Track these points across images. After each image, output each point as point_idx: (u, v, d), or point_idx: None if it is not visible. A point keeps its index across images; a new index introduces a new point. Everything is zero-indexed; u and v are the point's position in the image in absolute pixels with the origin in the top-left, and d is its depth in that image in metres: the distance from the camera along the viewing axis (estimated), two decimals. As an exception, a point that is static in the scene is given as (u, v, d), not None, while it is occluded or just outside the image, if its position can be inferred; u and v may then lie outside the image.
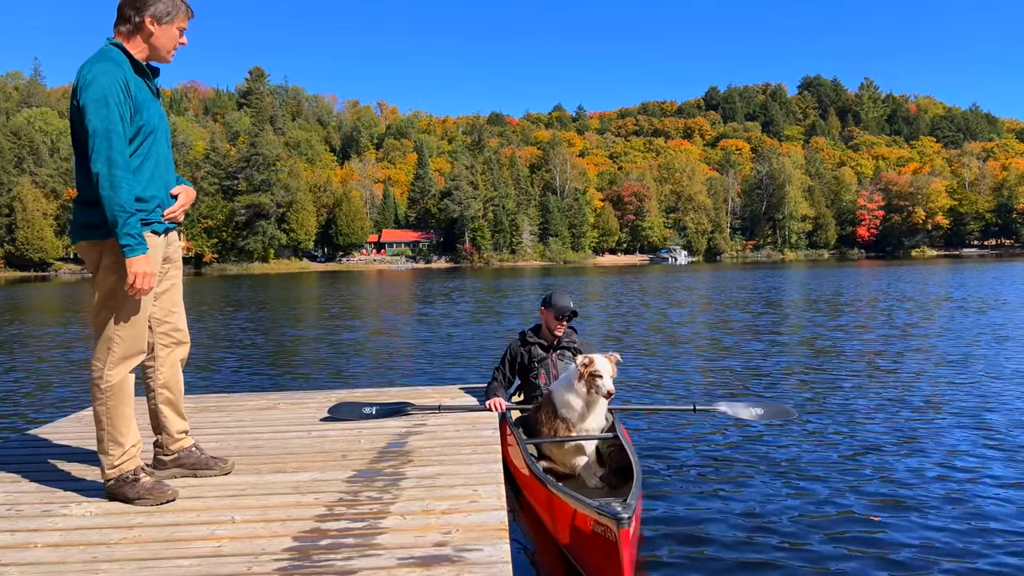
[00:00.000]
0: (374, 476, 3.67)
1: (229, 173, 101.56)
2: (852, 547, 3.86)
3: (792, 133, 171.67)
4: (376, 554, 2.72)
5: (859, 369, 9.58)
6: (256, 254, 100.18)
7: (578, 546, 3.42)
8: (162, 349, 3.58)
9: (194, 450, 3.74)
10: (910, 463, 5.34)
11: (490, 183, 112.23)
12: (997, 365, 9.56)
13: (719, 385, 8.65)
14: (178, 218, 3.49)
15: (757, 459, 5.49)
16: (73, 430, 4.84)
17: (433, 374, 9.87)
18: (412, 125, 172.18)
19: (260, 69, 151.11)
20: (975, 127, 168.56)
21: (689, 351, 11.67)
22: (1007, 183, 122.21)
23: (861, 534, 4.04)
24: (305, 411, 5.32)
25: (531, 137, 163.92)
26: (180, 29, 3.35)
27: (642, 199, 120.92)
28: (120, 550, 2.81)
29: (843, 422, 6.64)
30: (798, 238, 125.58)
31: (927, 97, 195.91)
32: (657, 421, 6.59)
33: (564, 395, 4.57)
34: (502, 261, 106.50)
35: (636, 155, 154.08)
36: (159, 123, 3.34)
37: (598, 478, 4.55)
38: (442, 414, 5.08)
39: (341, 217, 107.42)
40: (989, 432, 6.14)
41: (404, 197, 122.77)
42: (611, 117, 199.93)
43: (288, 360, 11.70)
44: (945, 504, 4.48)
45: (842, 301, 22.30)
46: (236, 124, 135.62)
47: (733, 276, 46.17)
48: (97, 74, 3.10)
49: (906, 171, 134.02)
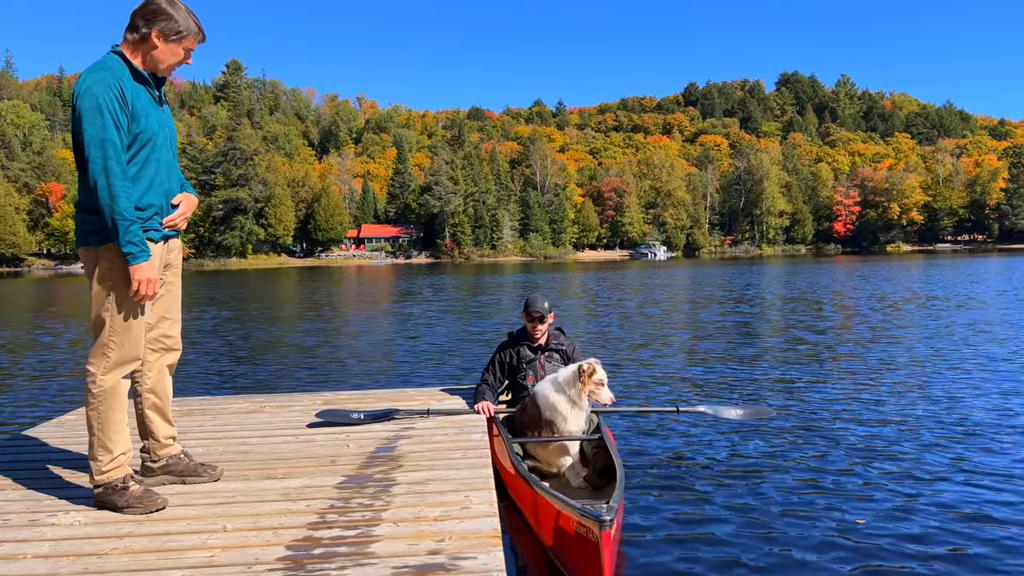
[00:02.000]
0: (365, 482, 3.67)
1: (206, 167, 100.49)
2: (834, 545, 3.93)
3: (770, 129, 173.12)
4: (370, 563, 2.73)
5: (835, 366, 9.71)
6: (234, 249, 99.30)
7: (561, 547, 3.47)
8: (151, 354, 3.56)
9: (182, 457, 3.73)
10: (889, 458, 5.43)
11: (470, 178, 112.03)
12: (972, 359, 9.73)
13: (701, 385, 8.73)
14: (179, 226, 3.48)
15: (739, 459, 5.56)
16: (57, 434, 4.78)
17: (418, 375, 9.87)
18: (391, 119, 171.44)
19: (237, 62, 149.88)
20: (949, 124, 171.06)
21: (671, 351, 11.76)
22: (980, 179, 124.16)
23: (843, 531, 4.11)
24: (291, 414, 5.30)
25: (511, 132, 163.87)
26: (187, 50, 3.34)
27: (622, 195, 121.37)
28: (111, 561, 2.79)
29: (822, 419, 6.74)
30: (776, 234, 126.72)
31: (902, 94, 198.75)
32: (641, 422, 6.64)
33: (550, 396, 4.60)
34: (482, 257, 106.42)
35: (616, 151, 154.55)
36: (159, 130, 3.32)
37: (582, 478, 4.60)
38: (430, 418, 5.08)
39: (320, 212, 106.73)
40: (963, 421, 6.26)
41: (383, 192, 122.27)
42: (591, 112, 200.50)
43: (271, 361, 11.63)
44: (922, 496, 4.60)
45: (819, 298, 22.56)
46: (213, 118, 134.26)
47: (712, 273, 46.53)
48: (92, 84, 3.10)
49: (882, 167, 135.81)
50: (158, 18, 3.22)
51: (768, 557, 3.83)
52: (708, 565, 3.75)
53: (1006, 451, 5.65)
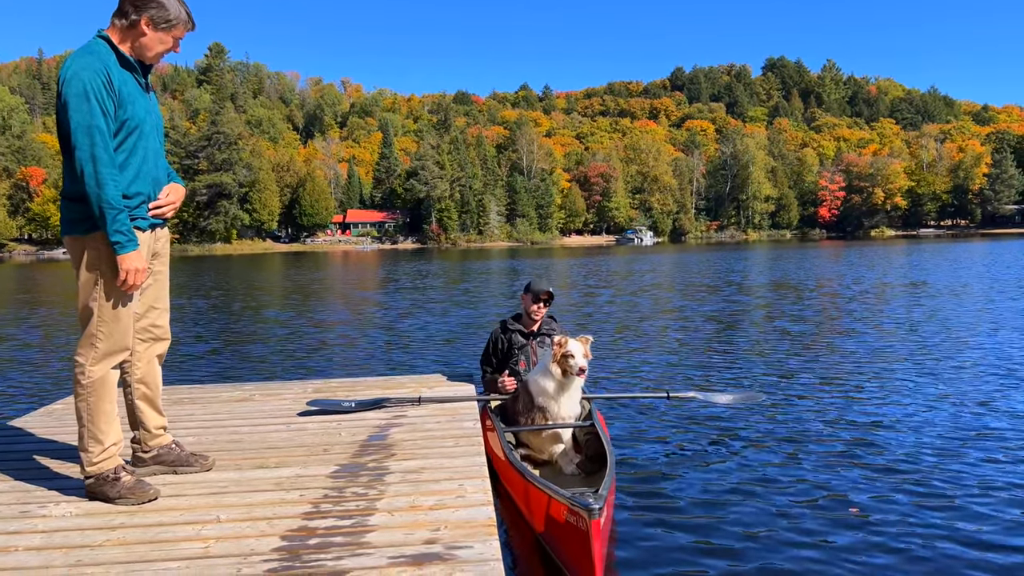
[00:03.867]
0: (358, 471, 3.67)
1: (189, 152, 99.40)
2: (827, 529, 3.97)
3: (756, 114, 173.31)
4: (366, 553, 2.72)
5: (823, 351, 9.79)
6: (218, 235, 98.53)
7: (552, 535, 3.49)
8: (139, 344, 3.52)
9: (174, 447, 3.70)
10: (880, 441, 5.49)
11: (456, 163, 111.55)
12: (956, 340, 9.84)
13: (691, 370, 8.77)
14: (166, 214, 3.43)
15: (729, 444, 5.60)
16: (44, 424, 4.74)
17: (408, 362, 9.85)
18: (376, 103, 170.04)
19: (220, 45, 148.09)
20: (933, 109, 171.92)
21: (660, 337, 11.81)
22: (963, 164, 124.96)
23: (836, 515, 4.15)
24: (281, 403, 5.28)
25: (498, 117, 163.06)
26: (176, 38, 3.28)
27: (608, 180, 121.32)
28: (104, 552, 2.78)
29: (811, 404, 6.79)
30: (761, 219, 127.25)
31: (887, 79, 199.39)
32: (632, 408, 6.67)
33: (540, 382, 4.62)
34: (469, 242, 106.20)
35: (602, 135, 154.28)
36: (146, 117, 3.27)
37: (575, 464, 4.62)
38: (421, 405, 5.07)
39: (305, 197, 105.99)
40: (951, 399, 6.34)
41: (369, 177, 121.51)
42: (578, 97, 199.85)
43: (258, 348, 11.57)
44: (916, 475, 4.67)
45: (806, 284, 22.70)
46: (196, 101, 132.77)
47: (699, 258, 46.69)
48: (78, 69, 3.03)
49: (866, 152, 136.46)
50: (148, 5, 3.16)
51: (759, 541, 3.86)
52: (699, 551, 3.78)
53: (995, 427, 5.73)
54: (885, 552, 3.72)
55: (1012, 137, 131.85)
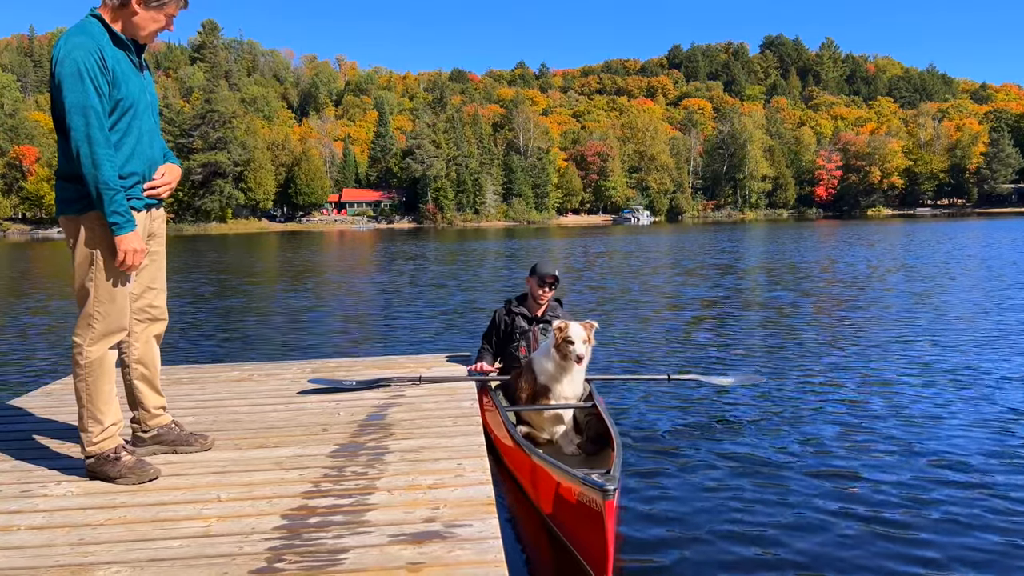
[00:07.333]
0: (357, 451, 3.68)
1: (183, 130, 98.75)
2: (829, 509, 4.00)
3: (753, 93, 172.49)
4: (366, 531, 2.74)
5: (823, 332, 9.82)
6: (213, 214, 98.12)
7: (562, 516, 3.48)
8: (137, 324, 3.52)
9: (173, 427, 3.71)
10: (880, 419, 5.55)
11: (452, 142, 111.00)
12: (957, 318, 9.88)
13: (691, 352, 8.80)
14: (161, 194, 3.41)
15: (730, 426, 5.63)
16: (43, 404, 4.75)
17: (408, 342, 9.86)
18: (372, 81, 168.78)
19: (213, 22, 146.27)
20: (931, 88, 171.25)
21: (660, 319, 11.83)
22: (960, 143, 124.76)
23: (837, 495, 4.19)
24: (280, 382, 5.29)
25: (494, 95, 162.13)
26: (169, 16, 3.23)
27: (605, 159, 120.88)
28: (106, 531, 2.79)
29: (811, 384, 6.83)
30: (758, 198, 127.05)
31: (885, 57, 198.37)
32: (633, 390, 6.69)
33: (544, 363, 4.64)
34: (465, 222, 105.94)
35: (599, 114, 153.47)
36: (140, 97, 3.24)
37: (575, 445, 4.65)
38: (421, 385, 5.09)
39: (300, 176, 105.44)
40: (949, 375, 6.38)
41: (365, 156, 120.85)
42: (574, 75, 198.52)
43: (256, 328, 11.57)
44: (916, 454, 4.72)
45: (803, 264, 22.73)
46: (189, 79, 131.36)
47: (696, 238, 46.65)
48: (71, 49, 3.00)
49: (864, 131, 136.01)
50: None
51: (760, 521, 3.89)
52: (701, 531, 3.80)
53: (996, 401, 5.80)
54: (888, 536, 3.74)
55: (1010, 116, 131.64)
